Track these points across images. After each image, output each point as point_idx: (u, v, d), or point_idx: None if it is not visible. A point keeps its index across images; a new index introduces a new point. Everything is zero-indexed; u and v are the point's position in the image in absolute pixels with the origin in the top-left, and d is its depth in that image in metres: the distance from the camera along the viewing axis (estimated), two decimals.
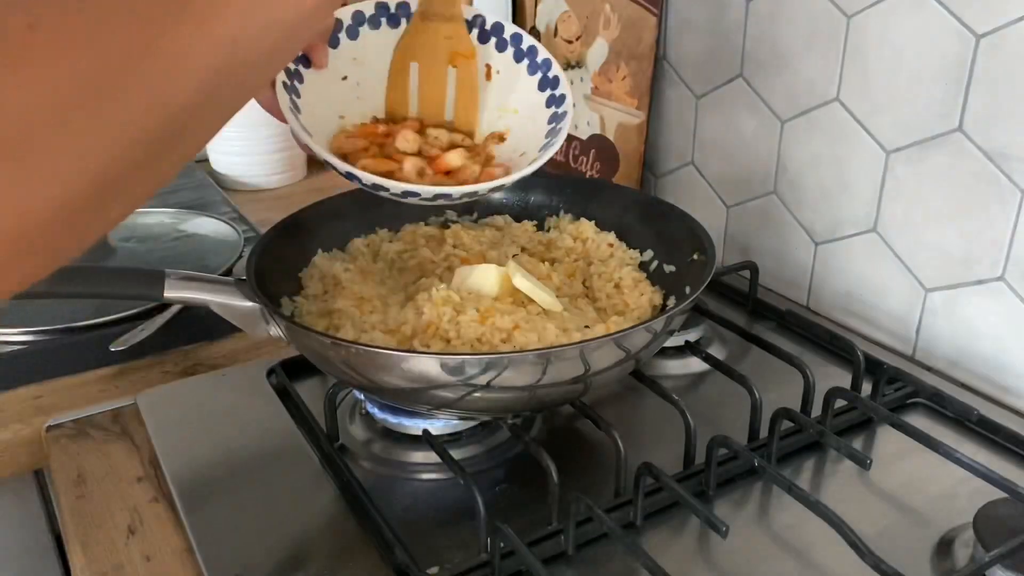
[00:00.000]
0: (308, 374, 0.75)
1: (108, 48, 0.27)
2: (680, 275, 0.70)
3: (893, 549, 0.51)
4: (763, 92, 0.89)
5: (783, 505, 0.59)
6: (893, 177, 0.78)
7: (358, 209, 0.77)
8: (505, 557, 0.53)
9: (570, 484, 0.57)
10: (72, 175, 0.27)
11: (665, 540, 0.57)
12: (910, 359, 0.80)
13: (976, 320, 0.74)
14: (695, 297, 0.60)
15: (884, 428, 0.67)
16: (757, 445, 0.64)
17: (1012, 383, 0.73)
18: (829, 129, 0.83)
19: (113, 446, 0.69)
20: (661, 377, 0.73)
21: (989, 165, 0.70)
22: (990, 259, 0.72)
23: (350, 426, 0.68)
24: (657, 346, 0.61)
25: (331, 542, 0.57)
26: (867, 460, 0.57)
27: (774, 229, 0.92)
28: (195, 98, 0.30)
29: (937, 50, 0.72)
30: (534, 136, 0.63)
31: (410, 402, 0.61)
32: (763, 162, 0.91)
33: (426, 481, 0.63)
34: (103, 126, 0.27)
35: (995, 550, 0.51)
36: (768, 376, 0.70)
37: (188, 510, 0.60)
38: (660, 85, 1.02)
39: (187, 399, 0.73)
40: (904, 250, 0.79)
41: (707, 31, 0.94)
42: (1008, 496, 0.56)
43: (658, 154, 1.05)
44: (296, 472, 0.64)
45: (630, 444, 0.59)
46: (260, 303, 0.60)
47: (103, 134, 0.27)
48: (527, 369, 0.54)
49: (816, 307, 0.89)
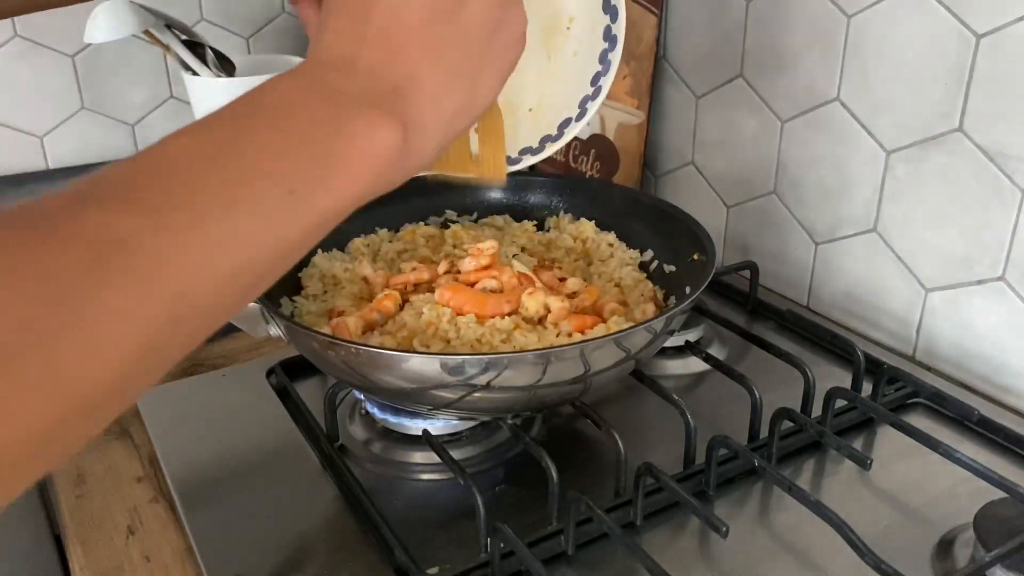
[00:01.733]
0: (308, 374, 0.75)
1: (50, 298, 0.25)
2: (680, 275, 0.70)
3: (893, 549, 0.51)
4: (763, 92, 0.89)
5: (783, 505, 0.59)
6: (893, 177, 0.78)
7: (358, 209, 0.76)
8: (505, 557, 0.53)
9: (570, 484, 0.56)
10: (7, 422, 0.24)
11: (665, 540, 0.57)
12: (910, 359, 0.80)
13: (976, 320, 0.74)
14: (695, 297, 0.60)
15: (884, 428, 0.67)
16: (757, 445, 0.64)
17: (1012, 383, 0.73)
18: (829, 129, 0.83)
19: (113, 446, 0.69)
20: (661, 377, 0.73)
21: (989, 165, 0.70)
22: (990, 259, 0.72)
23: (350, 426, 0.68)
24: (657, 346, 0.61)
25: (331, 542, 0.57)
26: (867, 460, 0.57)
27: (774, 229, 0.92)
28: (139, 351, 0.28)
29: (937, 50, 0.71)
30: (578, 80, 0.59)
31: (410, 402, 0.61)
32: (763, 162, 0.91)
33: (426, 481, 0.63)
34: (49, 374, 0.25)
35: (995, 550, 0.51)
36: (768, 376, 0.70)
37: (188, 510, 0.60)
38: (660, 85, 1.02)
39: (187, 399, 0.73)
40: (904, 250, 0.79)
41: (707, 31, 0.94)
42: (1008, 496, 0.56)
43: (658, 154, 1.05)
44: (296, 472, 0.64)
45: (630, 444, 0.59)
46: (260, 303, 0.60)
47: (48, 381, 0.25)
48: (527, 369, 0.54)
49: (816, 307, 0.89)
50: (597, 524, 0.55)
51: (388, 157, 0.35)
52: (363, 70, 0.36)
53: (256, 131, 0.32)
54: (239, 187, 0.30)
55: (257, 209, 0.31)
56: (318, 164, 0.33)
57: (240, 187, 0.30)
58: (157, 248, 0.28)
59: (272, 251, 0.32)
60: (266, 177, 0.31)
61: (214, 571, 0.54)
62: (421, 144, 0.36)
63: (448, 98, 0.37)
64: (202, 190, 0.30)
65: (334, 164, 0.33)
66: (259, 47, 1.22)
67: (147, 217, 0.28)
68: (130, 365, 0.27)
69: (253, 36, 1.21)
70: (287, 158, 0.32)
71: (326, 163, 0.33)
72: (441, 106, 0.37)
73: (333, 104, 0.34)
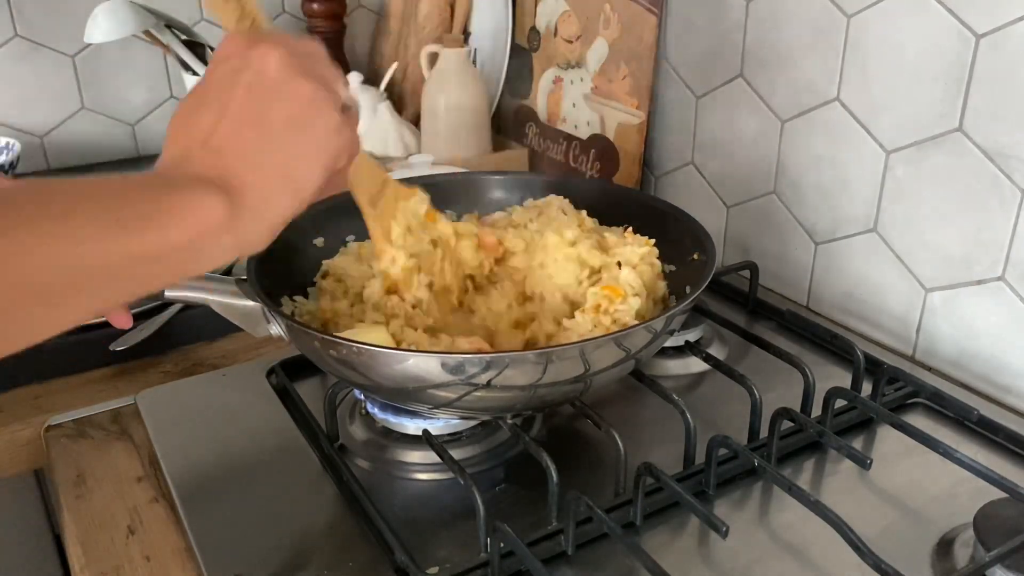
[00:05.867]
0: (308, 374, 0.75)
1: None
2: (680, 275, 0.70)
3: (893, 549, 0.51)
4: (763, 92, 0.89)
5: (783, 505, 0.59)
6: (893, 177, 0.78)
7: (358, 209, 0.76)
8: (505, 557, 0.53)
9: (570, 484, 0.56)
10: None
11: (665, 540, 0.57)
12: (910, 359, 0.80)
13: (976, 320, 0.74)
14: (695, 297, 0.60)
15: (884, 428, 0.67)
16: (757, 445, 0.64)
17: (1012, 383, 0.73)
18: (829, 129, 0.83)
19: (113, 446, 0.69)
20: (661, 377, 0.73)
21: (989, 165, 0.70)
22: (990, 259, 0.72)
23: (350, 426, 0.68)
24: (657, 346, 0.61)
25: (331, 542, 0.57)
26: (867, 460, 0.57)
27: (774, 229, 0.92)
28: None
29: (937, 50, 0.72)
30: None
31: (410, 401, 0.61)
32: (763, 162, 0.91)
33: (426, 481, 0.63)
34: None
35: (995, 550, 0.51)
36: (768, 376, 0.70)
37: (188, 510, 0.60)
38: (660, 85, 1.02)
39: (187, 399, 0.73)
40: (904, 250, 0.79)
41: (707, 31, 0.94)
42: (1008, 496, 0.56)
43: (658, 154, 1.05)
44: (296, 472, 0.64)
45: (630, 444, 0.59)
46: (260, 303, 0.60)
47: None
48: (527, 369, 0.54)
49: (816, 307, 0.89)
50: (597, 524, 0.55)
51: (215, 220, 0.39)
52: (193, 166, 0.41)
53: (94, 182, 0.37)
54: (69, 203, 0.35)
55: (84, 222, 0.35)
56: (148, 206, 0.37)
57: (71, 202, 0.35)
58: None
59: (84, 266, 0.35)
60: (97, 201, 0.36)
61: (214, 571, 0.54)
62: (248, 223, 0.41)
63: (267, 189, 0.42)
64: (31, 204, 0.34)
65: (163, 208, 0.38)
66: None
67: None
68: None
69: None
70: (120, 197, 0.37)
71: (156, 206, 0.38)
72: (262, 195, 0.42)
73: (165, 178, 0.41)
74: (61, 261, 0.34)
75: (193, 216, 0.38)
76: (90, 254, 0.35)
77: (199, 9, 1.19)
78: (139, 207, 0.37)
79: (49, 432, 0.70)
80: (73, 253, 0.34)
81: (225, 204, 0.40)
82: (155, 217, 0.37)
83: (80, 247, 0.34)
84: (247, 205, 0.41)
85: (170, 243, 0.38)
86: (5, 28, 1.12)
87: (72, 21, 1.10)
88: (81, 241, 0.34)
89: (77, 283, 0.35)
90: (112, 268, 0.36)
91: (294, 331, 0.59)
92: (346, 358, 0.55)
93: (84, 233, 0.35)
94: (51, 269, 0.33)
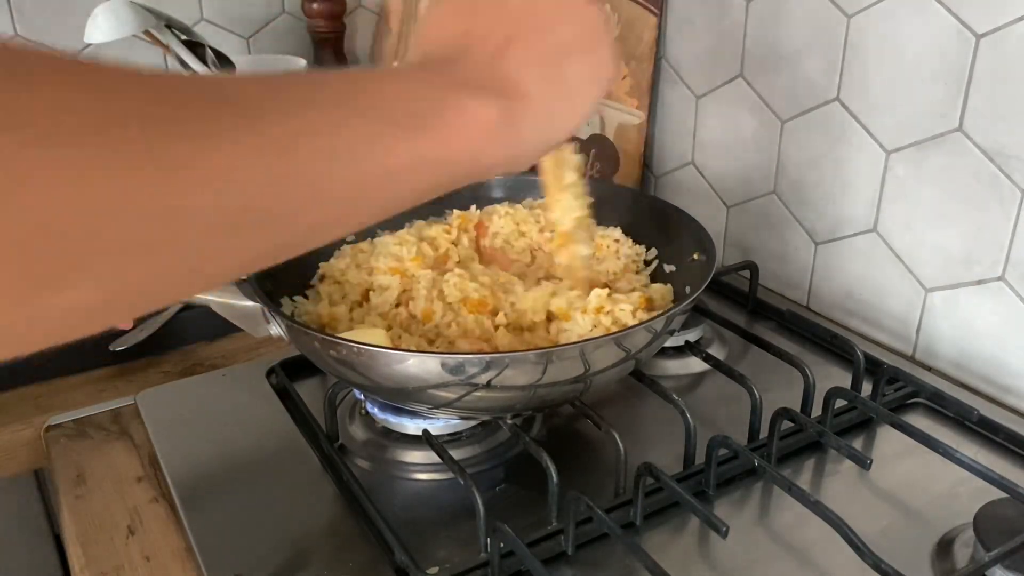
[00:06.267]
0: (308, 374, 0.75)
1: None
2: (680, 275, 0.70)
3: (893, 549, 0.51)
4: (763, 92, 0.89)
5: (783, 505, 0.59)
6: (893, 177, 0.78)
7: None
8: (505, 557, 0.53)
9: (570, 484, 0.56)
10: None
11: (665, 540, 0.57)
12: (910, 359, 0.80)
13: (976, 320, 0.74)
14: (695, 297, 0.60)
15: (884, 428, 0.67)
16: (757, 445, 0.64)
17: (1012, 383, 0.73)
18: (829, 129, 0.83)
19: (113, 446, 0.69)
20: (661, 377, 0.73)
21: (989, 165, 0.70)
22: (990, 259, 0.72)
23: (350, 426, 0.68)
24: (657, 346, 0.61)
25: (331, 542, 0.57)
26: (867, 460, 0.57)
27: (774, 229, 0.92)
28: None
29: (937, 50, 0.71)
30: None
31: (410, 401, 0.61)
32: (763, 162, 0.91)
33: (426, 481, 0.63)
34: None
35: (995, 550, 0.51)
36: (768, 376, 0.70)
37: (188, 510, 0.60)
38: (660, 85, 1.02)
39: (187, 399, 0.73)
40: (904, 250, 0.79)
41: (707, 31, 0.94)
42: (1008, 496, 0.56)
43: (658, 154, 1.05)
44: (296, 472, 0.64)
45: (630, 444, 0.59)
46: (260, 303, 0.60)
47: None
48: (527, 369, 0.54)
49: (816, 307, 0.89)
50: (597, 524, 0.55)
51: (487, 127, 0.37)
52: (466, 70, 0.38)
53: (363, 80, 0.35)
54: (340, 109, 0.32)
55: (357, 131, 0.32)
56: (421, 109, 0.35)
57: (340, 109, 0.32)
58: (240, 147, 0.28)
59: (355, 179, 0.32)
60: (371, 108, 0.33)
61: (214, 571, 0.54)
62: (520, 134, 0.39)
63: (550, 104, 0.40)
64: (308, 105, 0.31)
65: (435, 113, 0.35)
66: (259, 47, 1.22)
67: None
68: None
69: (253, 36, 1.21)
70: (392, 101, 0.34)
71: (429, 111, 0.35)
72: (545, 110, 0.40)
73: (431, 82, 0.37)
74: (354, 165, 0.32)
75: (475, 122, 0.36)
76: (378, 155, 0.32)
77: (199, 9, 1.19)
78: (411, 110, 0.35)
79: (49, 432, 0.70)
80: (366, 155, 0.32)
81: (506, 113, 0.38)
82: (436, 121, 0.35)
83: (370, 146, 0.32)
84: (529, 118, 0.39)
85: (440, 153, 0.35)
86: (5, 28, 1.11)
87: (72, 21, 1.10)
88: (371, 140, 0.32)
89: (366, 184, 0.33)
90: (393, 173, 0.33)
91: (294, 331, 0.59)
92: (346, 358, 0.55)
93: (372, 131, 0.32)
94: (338, 172, 0.31)
